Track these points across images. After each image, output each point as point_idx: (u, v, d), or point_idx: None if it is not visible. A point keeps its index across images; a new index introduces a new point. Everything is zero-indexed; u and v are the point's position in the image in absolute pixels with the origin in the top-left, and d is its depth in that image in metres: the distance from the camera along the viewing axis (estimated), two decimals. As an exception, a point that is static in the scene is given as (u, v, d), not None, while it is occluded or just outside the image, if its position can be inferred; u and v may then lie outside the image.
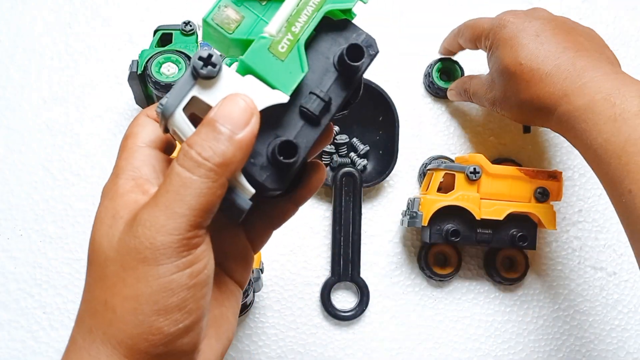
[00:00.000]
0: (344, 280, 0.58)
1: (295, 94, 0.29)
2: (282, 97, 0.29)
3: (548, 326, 0.61)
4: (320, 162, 0.35)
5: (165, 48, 0.55)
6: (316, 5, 0.30)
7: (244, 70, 0.29)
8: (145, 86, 0.56)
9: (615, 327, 0.61)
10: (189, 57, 0.55)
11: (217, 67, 0.28)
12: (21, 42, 0.61)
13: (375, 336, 0.59)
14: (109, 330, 0.26)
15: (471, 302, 0.60)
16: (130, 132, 0.31)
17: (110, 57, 0.62)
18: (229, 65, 0.32)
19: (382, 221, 0.61)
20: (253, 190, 0.28)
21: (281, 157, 0.28)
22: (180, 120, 0.28)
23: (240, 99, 0.28)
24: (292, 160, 0.28)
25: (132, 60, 0.55)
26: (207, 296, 0.28)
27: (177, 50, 0.55)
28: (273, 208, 0.35)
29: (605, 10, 0.67)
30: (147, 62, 0.54)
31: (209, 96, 0.28)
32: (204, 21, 0.30)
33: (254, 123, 0.27)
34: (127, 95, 0.60)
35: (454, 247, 0.59)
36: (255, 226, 0.35)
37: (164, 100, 0.28)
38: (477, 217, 0.55)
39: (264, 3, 0.30)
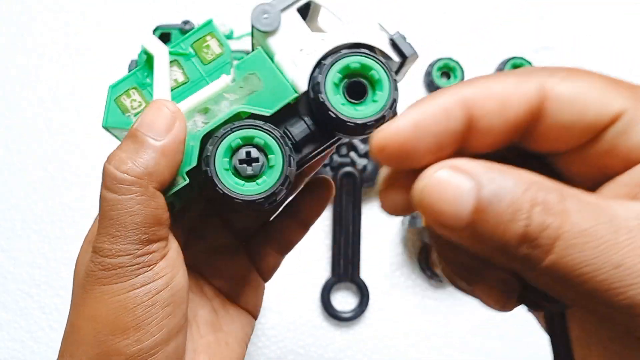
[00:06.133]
0: (344, 281, 0.58)
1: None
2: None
3: (550, 327, 0.60)
4: (328, 178, 0.34)
5: (164, 47, 0.55)
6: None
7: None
8: (144, 86, 0.56)
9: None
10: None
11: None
12: (20, 42, 0.61)
13: (376, 337, 0.58)
14: (75, 352, 0.26)
15: (472, 302, 0.60)
16: None
17: (109, 56, 0.61)
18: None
19: (383, 221, 0.60)
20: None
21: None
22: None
23: (162, 104, 0.27)
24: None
25: (131, 60, 0.55)
26: (174, 317, 0.26)
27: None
28: (282, 233, 0.34)
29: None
30: (145, 62, 0.54)
31: None
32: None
33: (178, 128, 0.27)
34: (126, 95, 0.60)
35: (454, 247, 0.59)
36: (264, 254, 0.34)
37: None
38: (478, 218, 0.54)
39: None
